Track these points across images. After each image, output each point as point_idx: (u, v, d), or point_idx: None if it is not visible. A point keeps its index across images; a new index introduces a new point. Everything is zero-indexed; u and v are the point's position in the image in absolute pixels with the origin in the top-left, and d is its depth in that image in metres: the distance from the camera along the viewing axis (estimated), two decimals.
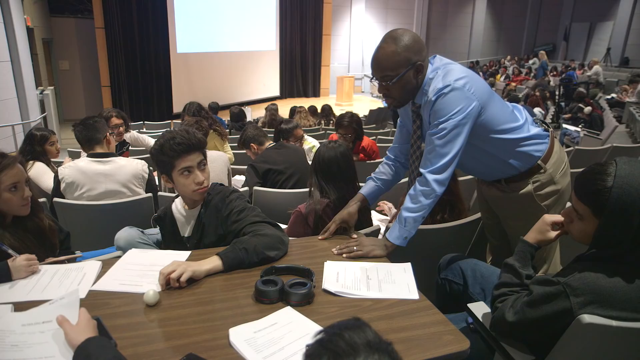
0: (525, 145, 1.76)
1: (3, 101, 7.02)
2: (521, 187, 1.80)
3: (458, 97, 1.58)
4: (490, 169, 1.84)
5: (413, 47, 1.63)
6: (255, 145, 3.34)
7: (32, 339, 1.13)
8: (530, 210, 1.77)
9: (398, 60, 1.62)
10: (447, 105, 1.59)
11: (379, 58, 1.66)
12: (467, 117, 1.59)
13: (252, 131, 3.40)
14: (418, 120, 1.79)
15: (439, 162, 1.63)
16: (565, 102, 10.19)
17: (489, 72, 15.85)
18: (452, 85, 1.58)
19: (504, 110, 1.74)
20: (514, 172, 1.79)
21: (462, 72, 1.63)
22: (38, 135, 3.15)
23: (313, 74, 15.85)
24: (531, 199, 1.79)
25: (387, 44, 1.64)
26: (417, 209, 1.68)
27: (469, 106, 1.59)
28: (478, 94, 1.61)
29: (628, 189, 1.12)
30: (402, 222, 1.69)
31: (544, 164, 1.78)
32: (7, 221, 1.63)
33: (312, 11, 15.05)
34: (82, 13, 11.03)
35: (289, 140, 3.46)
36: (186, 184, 1.71)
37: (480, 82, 1.68)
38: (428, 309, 1.33)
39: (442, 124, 1.60)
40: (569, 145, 6.59)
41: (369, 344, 0.72)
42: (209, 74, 12.51)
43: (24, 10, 8.30)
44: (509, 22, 20.01)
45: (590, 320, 1.13)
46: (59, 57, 11.10)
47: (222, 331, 1.20)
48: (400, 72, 1.63)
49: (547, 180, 1.78)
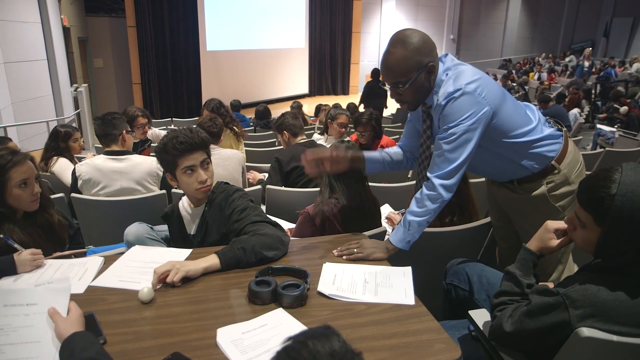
0: (539, 147, 1.70)
1: (39, 98, 7.28)
2: (534, 188, 1.74)
3: (469, 102, 1.53)
4: (502, 170, 1.79)
5: (423, 48, 1.58)
6: (288, 134, 3.27)
7: (17, 322, 1.13)
8: (543, 212, 1.70)
9: (409, 64, 1.57)
10: (457, 110, 1.55)
11: (389, 64, 1.61)
12: (478, 123, 1.54)
13: (291, 120, 3.30)
14: (428, 120, 1.75)
15: (447, 167, 1.59)
16: (601, 102, 9.81)
17: (522, 70, 15.41)
18: (463, 89, 1.54)
19: (517, 112, 1.69)
20: (527, 173, 1.73)
21: (473, 75, 1.58)
22: (62, 131, 3.25)
23: (342, 71, 15.78)
24: (544, 200, 1.72)
25: (395, 49, 1.59)
26: (422, 214, 1.64)
27: (480, 111, 1.54)
28: (490, 98, 1.56)
29: (632, 197, 1.06)
30: (406, 226, 1.66)
31: (558, 165, 1.71)
32: (18, 216, 1.69)
33: (341, 8, 14.98)
34: (116, 12, 11.32)
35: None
36: (189, 182, 1.73)
37: (492, 85, 1.63)
38: (423, 315, 1.29)
39: (451, 128, 1.56)
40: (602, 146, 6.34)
41: (332, 354, 0.70)
42: (238, 72, 12.64)
43: (61, 11, 8.60)
44: (545, 18, 19.34)
45: (589, 334, 1.08)
46: (94, 55, 11.43)
47: (211, 331, 1.20)
48: (412, 77, 1.58)
49: (562, 181, 1.72)
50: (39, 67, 7.37)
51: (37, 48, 7.34)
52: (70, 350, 1.02)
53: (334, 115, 3.85)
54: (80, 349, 1.01)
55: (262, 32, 13.07)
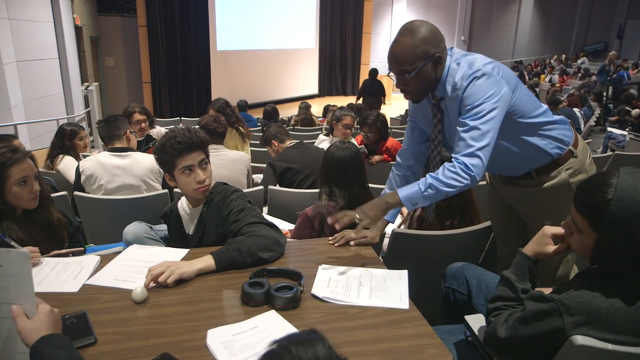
0: (555, 129, 1.70)
1: (49, 96, 7.36)
2: (554, 177, 1.71)
3: (490, 81, 1.53)
4: (524, 159, 1.73)
5: (431, 38, 1.58)
6: (276, 142, 3.34)
7: None
8: (564, 202, 1.64)
9: (415, 53, 1.57)
10: (479, 89, 1.53)
11: (395, 52, 1.61)
12: (500, 101, 1.54)
13: (274, 129, 3.41)
14: (439, 114, 1.72)
15: (477, 144, 1.51)
16: (613, 104, 9.67)
17: (533, 72, 15.24)
18: (482, 69, 1.54)
19: (529, 95, 1.71)
20: (547, 159, 1.71)
21: (487, 59, 1.61)
22: (68, 130, 3.28)
23: (352, 72, 15.75)
24: (567, 188, 1.68)
25: (403, 37, 1.59)
26: (446, 185, 1.51)
27: (501, 90, 1.54)
28: (507, 78, 1.58)
29: (628, 202, 1.04)
30: (425, 186, 1.53)
31: (574, 149, 1.71)
32: (17, 214, 1.70)
33: (352, 9, 14.95)
34: (128, 12, 11.41)
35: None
36: (187, 182, 1.73)
37: (506, 68, 1.65)
38: (416, 319, 1.28)
39: (477, 107, 1.53)
40: (613, 150, 6.24)
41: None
42: (248, 72, 12.66)
43: (73, 10, 8.69)
44: (558, 19, 19.12)
45: (584, 342, 1.06)
46: (105, 54, 11.53)
47: (202, 332, 1.20)
48: (418, 66, 1.57)
49: (580, 167, 1.71)
50: (50, 65, 7.46)
51: (49, 47, 7.43)
52: (39, 358, 0.94)
53: (339, 117, 3.87)
54: (49, 356, 0.94)
55: (273, 33, 13.09)
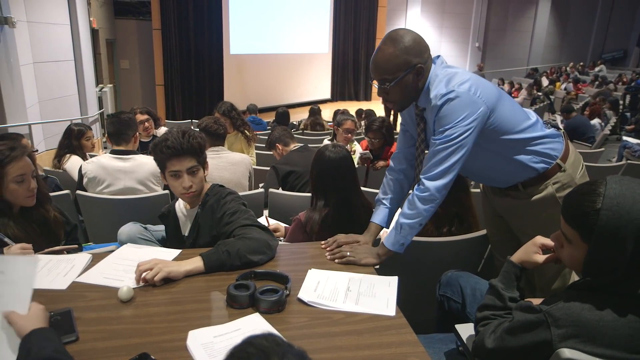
0: (541, 144, 1.66)
1: (64, 97, 7.48)
2: (541, 190, 1.68)
3: (464, 102, 1.51)
4: (507, 173, 1.72)
5: (413, 49, 1.56)
6: (280, 145, 3.35)
7: None
8: (550, 217, 1.60)
9: (396, 63, 1.56)
10: (452, 111, 1.52)
11: (377, 60, 1.61)
12: (474, 123, 1.52)
13: (278, 132, 3.42)
14: (422, 123, 1.72)
15: (439, 168, 1.56)
16: (630, 113, 9.50)
17: (549, 79, 15.05)
18: (456, 91, 1.51)
19: (514, 110, 1.66)
20: (532, 173, 1.67)
21: (465, 75, 1.56)
22: (75, 130, 3.33)
23: (365, 77, 15.71)
24: (553, 203, 1.64)
25: (386, 46, 1.59)
26: (414, 216, 1.61)
27: (476, 111, 1.51)
28: (485, 96, 1.53)
29: (618, 211, 1.01)
30: (398, 229, 1.63)
31: (563, 163, 1.66)
32: (15, 211, 1.72)
33: (366, 15, 14.93)
34: (143, 15, 11.57)
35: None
36: (174, 185, 1.75)
37: (486, 84, 1.60)
38: (401, 327, 1.25)
39: (447, 130, 1.53)
40: (629, 159, 6.11)
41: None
42: (261, 75, 12.73)
43: (90, 13, 8.83)
44: (575, 26, 18.84)
45: (571, 356, 1.03)
46: (121, 56, 11.69)
47: (185, 333, 1.19)
48: (399, 76, 1.56)
49: (568, 181, 1.66)
50: (66, 67, 7.58)
51: (65, 49, 7.55)
52: (27, 349, 0.99)
53: (340, 121, 3.88)
54: (37, 347, 0.98)
55: (286, 37, 13.15)
